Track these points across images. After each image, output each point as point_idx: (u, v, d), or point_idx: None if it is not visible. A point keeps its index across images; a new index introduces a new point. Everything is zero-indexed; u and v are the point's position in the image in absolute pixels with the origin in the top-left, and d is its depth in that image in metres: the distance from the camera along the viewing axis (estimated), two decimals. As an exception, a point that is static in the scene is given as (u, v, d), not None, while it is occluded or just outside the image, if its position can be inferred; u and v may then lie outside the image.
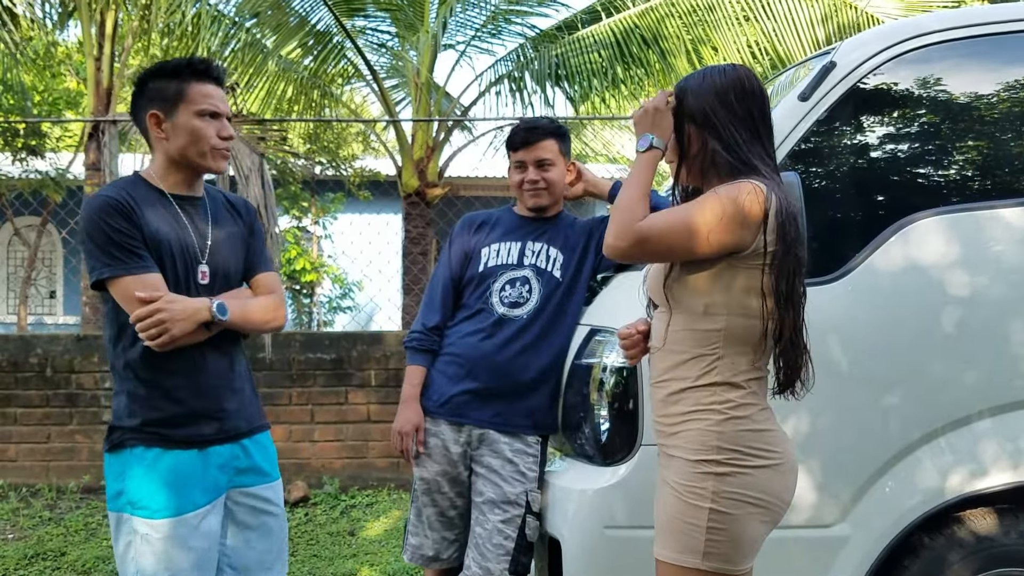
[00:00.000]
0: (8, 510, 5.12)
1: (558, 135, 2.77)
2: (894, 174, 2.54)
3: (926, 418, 2.41)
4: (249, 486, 2.25)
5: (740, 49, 6.49)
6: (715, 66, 2.00)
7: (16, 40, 8.06)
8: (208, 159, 2.19)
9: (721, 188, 1.84)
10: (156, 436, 2.11)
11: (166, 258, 2.12)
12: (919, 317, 2.42)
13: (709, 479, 1.85)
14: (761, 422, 1.90)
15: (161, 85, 2.17)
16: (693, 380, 1.91)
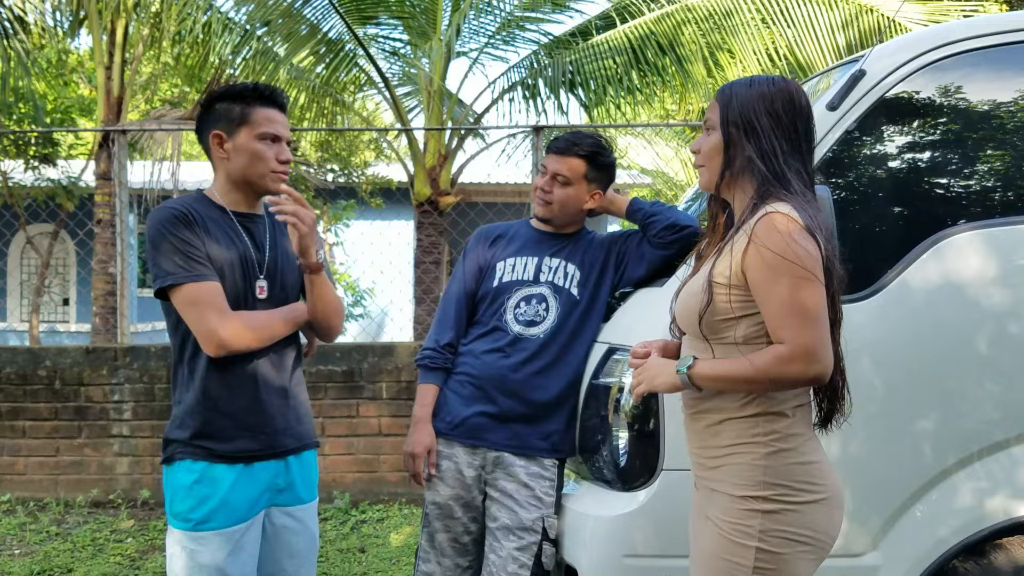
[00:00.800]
0: (15, 525, 5.05)
1: (592, 160, 2.64)
2: (927, 187, 2.44)
3: (961, 442, 2.31)
4: (285, 505, 2.32)
5: (759, 55, 6.38)
6: (764, 76, 1.93)
7: (27, 49, 8.05)
8: (267, 181, 2.26)
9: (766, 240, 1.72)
10: (203, 450, 2.19)
11: (227, 273, 2.20)
12: (954, 336, 2.32)
13: (756, 516, 1.77)
14: (808, 453, 1.81)
15: (226, 107, 2.26)
16: (735, 411, 1.82)
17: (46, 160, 10.28)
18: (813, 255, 1.71)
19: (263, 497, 2.26)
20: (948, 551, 2.27)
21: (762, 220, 1.74)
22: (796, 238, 1.70)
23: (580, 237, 2.74)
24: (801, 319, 1.70)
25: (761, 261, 1.72)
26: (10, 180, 10.19)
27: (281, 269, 2.33)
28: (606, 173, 2.71)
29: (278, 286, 2.31)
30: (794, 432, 1.80)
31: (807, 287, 1.70)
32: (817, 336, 1.70)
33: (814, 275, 1.70)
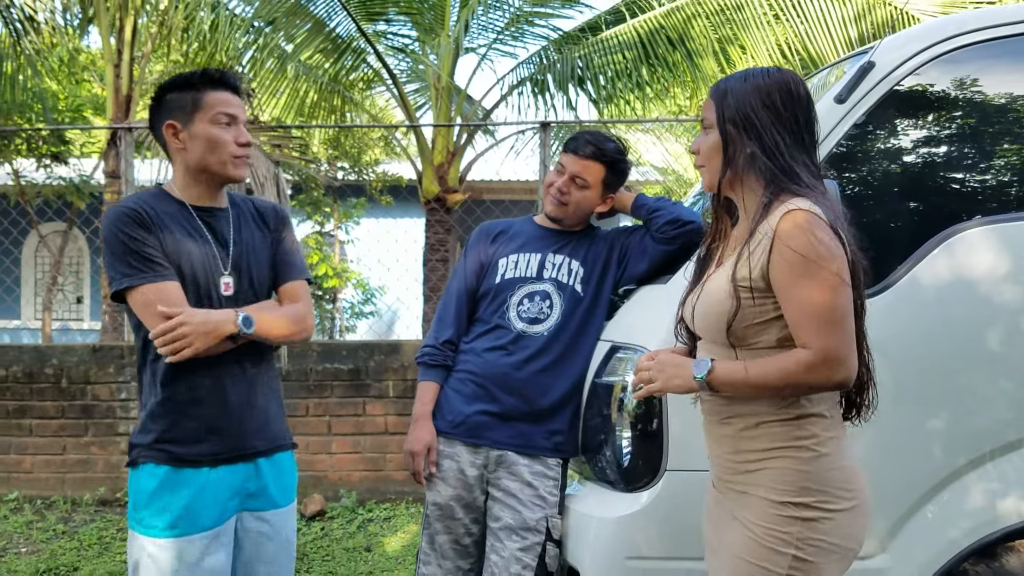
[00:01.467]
0: (22, 523, 5.05)
1: (611, 166, 2.61)
2: (938, 181, 2.38)
3: (973, 442, 2.25)
4: (257, 510, 2.22)
5: (770, 49, 6.30)
6: (757, 68, 1.86)
7: (38, 48, 8.07)
8: (228, 167, 2.18)
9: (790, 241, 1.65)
10: (166, 454, 2.10)
11: (186, 271, 2.11)
12: (965, 333, 2.26)
13: (795, 524, 1.71)
14: (844, 456, 1.77)
15: (177, 96, 2.18)
16: (774, 413, 1.75)
17: (57, 158, 10.31)
18: (837, 254, 1.65)
19: (232, 502, 2.16)
20: (959, 554, 2.22)
21: (784, 218, 1.67)
22: (821, 237, 1.64)
23: (583, 233, 2.70)
24: (826, 323, 1.64)
25: (784, 262, 1.66)
26: (22, 178, 10.22)
27: (248, 264, 2.23)
28: (622, 179, 2.69)
29: (246, 282, 2.21)
30: (832, 435, 1.76)
31: (832, 289, 1.64)
32: (842, 340, 1.65)
33: (839, 276, 1.65)
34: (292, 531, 2.32)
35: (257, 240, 2.28)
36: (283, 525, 2.27)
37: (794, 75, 1.81)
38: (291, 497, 2.31)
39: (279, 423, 2.29)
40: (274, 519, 2.24)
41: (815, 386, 1.69)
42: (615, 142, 2.64)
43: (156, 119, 2.21)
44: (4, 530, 4.94)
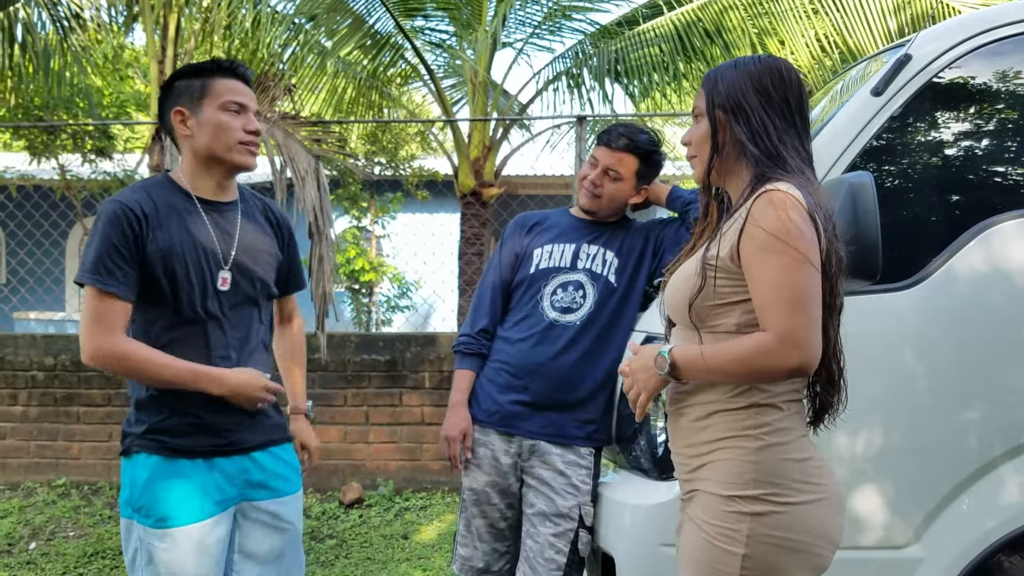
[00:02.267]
0: (70, 508, 5.20)
1: (645, 157, 2.63)
2: (974, 174, 2.38)
3: (1008, 433, 2.26)
4: (260, 500, 2.22)
5: (808, 41, 6.27)
6: (749, 56, 1.83)
7: (83, 44, 8.25)
8: (234, 153, 2.16)
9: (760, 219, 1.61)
10: (158, 444, 2.08)
11: (178, 263, 2.09)
12: (1001, 325, 2.27)
13: (744, 520, 1.62)
14: (802, 450, 1.68)
15: (186, 83, 2.17)
16: (724, 402, 1.69)
17: (102, 153, 10.50)
18: (808, 236, 1.59)
19: (231, 492, 2.15)
20: (993, 545, 2.23)
21: (760, 197, 1.63)
22: (792, 216, 1.58)
23: (619, 225, 2.73)
24: (787, 302, 1.58)
25: (753, 239, 1.62)
26: (68, 173, 10.43)
27: (249, 262, 2.22)
28: (656, 170, 2.71)
29: (245, 279, 2.20)
30: (786, 426, 1.67)
31: (798, 270, 1.58)
32: (802, 323, 1.57)
33: (807, 258, 1.58)
34: (298, 518, 2.31)
35: (261, 239, 2.28)
36: (287, 513, 2.27)
37: (785, 61, 1.79)
38: (297, 485, 2.31)
39: (275, 418, 2.27)
40: (276, 508, 2.24)
41: (771, 370, 1.60)
42: (648, 134, 2.67)
43: (164, 106, 2.20)
44: (53, 515, 5.09)
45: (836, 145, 2.33)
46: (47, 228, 8.16)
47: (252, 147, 2.19)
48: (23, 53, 8.00)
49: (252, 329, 2.23)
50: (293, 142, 4.94)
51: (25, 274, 8.98)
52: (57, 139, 10.01)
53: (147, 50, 8.41)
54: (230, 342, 2.16)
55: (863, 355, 2.02)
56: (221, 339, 2.15)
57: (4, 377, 5.65)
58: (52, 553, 4.45)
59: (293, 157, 4.87)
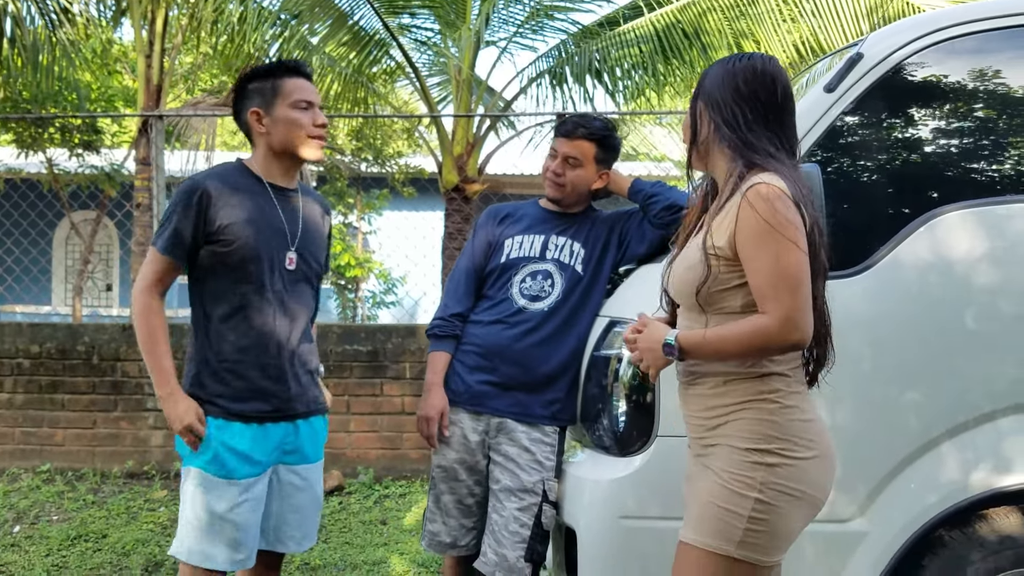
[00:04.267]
0: (54, 493, 5.28)
1: (601, 142, 2.76)
2: (921, 166, 2.50)
3: (949, 413, 2.37)
4: (292, 464, 2.48)
5: (783, 43, 6.40)
6: (739, 54, 2.02)
7: (72, 39, 8.31)
8: (306, 147, 2.41)
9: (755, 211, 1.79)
10: (220, 408, 2.35)
11: (252, 240, 2.34)
12: (944, 311, 2.38)
13: (760, 469, 1.84)
14: (808, 411, 1.91)
15: (258, 85, 2.42)
16: (740, 371, 1.90)
17: (89, 147, 10.57)
18: (794, 223, 1.78)
19: (273, 455, 2.41)
20: (934, 519, 2.33)
21: (750, 191, 1.81)
22: (779, 208, 1.78)
23: (586, 216, 2.84)
24: (783, 288, 1.78)
25: (747, 231, 1.81)
26: (55, 167, 10.49)
27: (310, 245, 2.49)
28: (613, 154, 2.82)
29: (306, 261, 2.47)
30: (796, 390, 1.89)
31: (789, 255, 1.78)
32: (797, 304, 1.78)
33: (796, 244, 1.78)
34: (319, 484, 2.57)
35: (319, 223, 2.55)
36: (313, 478, 2.54)
37: (766, 59, 1.95)
38: (320, 454, 2.57)
39: (314, 390, 2.53)
40: (305, 473, 2.50)
41: (771, 347, 1.82)
42: (601, 120, 2.79)
43: (240, 107, 2.44)
44: (37, 499, 5.16)
45: (790, 138, 2.44)
46: (34, 218, 8.20)
47: (321, 140, 2.45)
48: (12, 47, 8.04)
49: (304, 305, 2.48)
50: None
51: (11, 264, 9.02)
52: (45, 133, 10.06)
53: (135, 45, 8.47)
54: (288, 315, 2.41)
55: None
56: (280, 312, 2.40)
57: (-10, 364, 5.73)
58: (36, 536, 4.52)
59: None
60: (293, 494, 2.49)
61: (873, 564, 2.36)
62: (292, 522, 2.50)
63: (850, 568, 2.38)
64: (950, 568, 2.36)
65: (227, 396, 2.35)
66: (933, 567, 2.37)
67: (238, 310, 2.36)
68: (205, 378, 2.36)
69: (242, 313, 2.36)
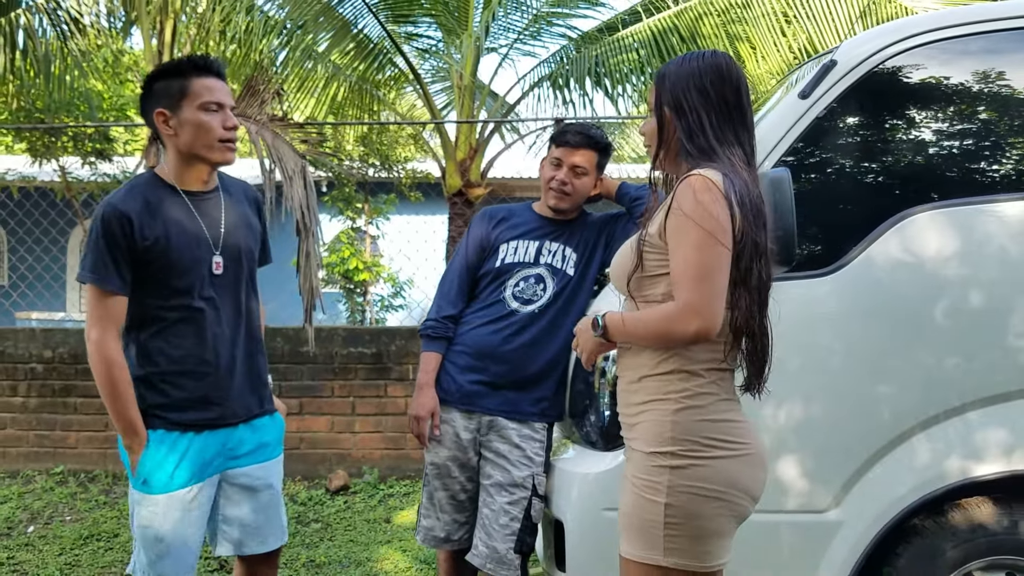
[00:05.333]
0: (67, 494, 5.41)
1: (601, 150, 2.85)
2: (891, 169, 2.59)
3: (920, 407, 2.46)
4: (242, 466, 2.42)
5: (778, 46, 6.48)
6: (696, 52, 1.99)
7: (83, 49, 8.46)
8: (215, 152, 2.30)
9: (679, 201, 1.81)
10: (158, 419, 2.28)
11: (173, 253, 2.26)
12: (914, 308, 2.47)
13: (664, 472, 1.81)
14: (721, 412, 1.86)
15: (165, 84, 2.29)
16: (651, 368, 1.89)
17: (102, 155, 10.72)
18: (716, 217, 1.76)
19: (215, 462, 2.35)
20: (907, 508, 2.43)
21: (682, 182, 1.82)
22: (703, 199, 1.76)
23: (579, 220, 2.93)
24: (692, 277, 1.77)
25: (672, 220, 1.81)
26: (68, 175, 10.64)
27: (237, 244, 2.39)
28: (608, 160, 2.92)
29: (235, 260, 2.39)
30: (706, 391, 1.85)
31: (705, 247, 1.76)
32: (703, 295, 1.76)
33: (714, 236, 1.76)
34: (278, 480, 2.51)
35: (245, 219, 2.44)
36: (268, 476, 2.47)
37: (727, 58, 1.95)
38: (278, 451, 2.51)
39: (260, 391, 2.47)
40: (258, 472, 2.44)
41: (675, 334, 1.79)
42: (598, 127, 2.89)
43: (146, 106, 2.32)
44: (51, 500, 5.30)
45: (767, 143, 2.53)
46: (47, 227, 8.36)
47: (231, 144, 2.33)
48: (24, 58, 8.21)
49: (239, 306, 2.41)
50: (281, 143, 5.15)
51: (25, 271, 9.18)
52: (58, 141, 10.22)
53: (145, 54, 8.62)
54: (222, 320, 2.35)
55: (787, 335, 2.16)
56: (213, 319, 2.33)
57: (5, 370, 5.87)
58: (49, 536, 4.65)
59: (281, 158, 5.07)
60: (248, 495, 2.43)
61: (848, 552, 2.45)
62: (254, 522, 2.45)
63: (827, 557, 2.47)
64: (923, 556, 2.45)
65: (166, 407, 2.29)
66: (906, 555, 2.47)
67: (171, 323, 2.29)
68: (143, 390, 2.27)
69: (175, 325, 2.30)
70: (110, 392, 2.22)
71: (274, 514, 2.50)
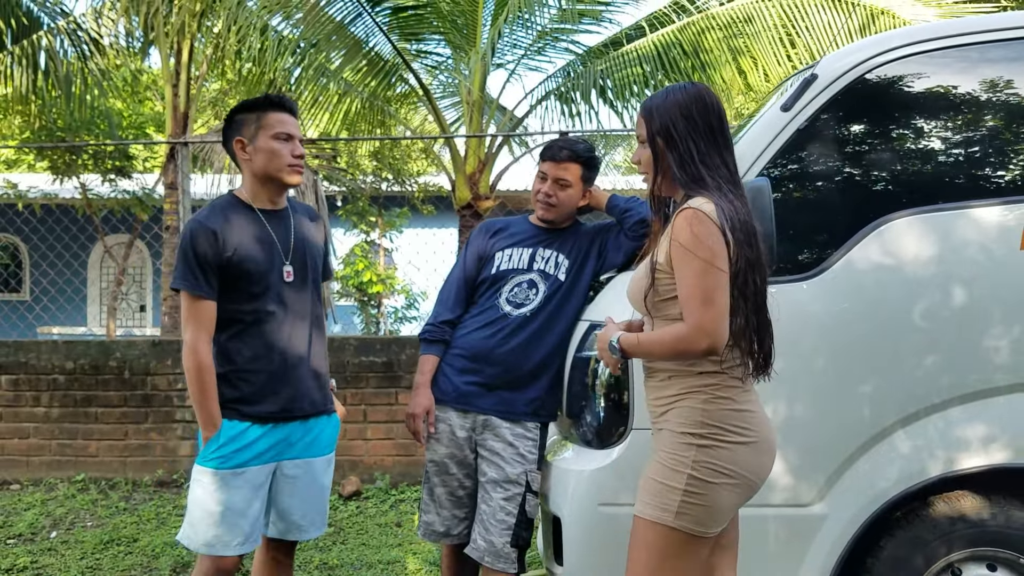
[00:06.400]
0: (88, 501, 5.57)
1: (586, 163, 2.99)
2: (871, 177, 2.70)
3: (900, 403, 2.56)
4: (297, 458, 2.71)
5: (779, 59, 6.60)
6: (676, 84, 2.21)
7: (103, 69, 8.70)
8: (284, 174, 2.66)
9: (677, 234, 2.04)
10: (230, 410, 2.59)
11: (251, 263, 2.59)
12: (893, 310, 2.57)
13: (691, 449, 2.07)
14: (742, 403, 2.11)
15: (244, 117, 2.68)
16: (680, 368, 2.13)
17: (121, 172, 10.95)
18: (709, 244, 1.99)
19: (273, 451, 2.64)
20: (888, 502, 2.52)
21: (679, 215, 2.06)
22: (696, 230, 2.00)
23: (571, 229, 3.05)
24: (698, 302, 2.01)
25: (673, 250, 2.05)
26: (89, 192, 10.87)
27: (304, 256, 2.72)
28: (595, 172, 3.05)
29: (303, 269, 2.71)
30: (730, 385, 2.10)
31: (705, 274, 2.00)
32: (708, 316, 2.00)
33: (710, 263, 1.99)
34: (326, 477, 2.79)
35: (311, 235, 2.78)
36: (318, 471, 2.75)
37: (706, 88, 2.18)
38: (328, 449, 2.80)
39: (322, 392, 2.76)
40: (309, 466, 2.73)
41: (687, 352, 2.05)
42: (584, 142, 3.02)
43: (228, 135, 2.69)
44: (72, 507, 5.45)
45: (750, 154, 2.64)
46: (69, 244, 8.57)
47: (298, 168, 2.69)
48: (46, 78, 8.45)
49: (307, 311, 2.72)
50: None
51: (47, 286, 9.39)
52: (79, 159, 10.46)
53: (163, 73, 8.84)
54: (291, 323, 2.66)
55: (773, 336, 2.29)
56: (284, 322, 2.64)
57: (28, 380, 6.05)
58: (71, 541, 4.79)
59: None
60: (298, 486, 2.71)
61: (832, 545, 2.55)
62: (299, 511, 2.72)
63: (812, 549, 2.57)
64: (905, 549, 2.54)
65: (239, 400, 2.59)
66: (889, 547, 2.56)
67: (247, 325, 2.60)
68: (221, 386, 2.58)
69: (250, 328, 2.60)
70: (198, 389, 2.54)
71: (318, 506, 2.78)
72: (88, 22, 8.60)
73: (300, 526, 2.75)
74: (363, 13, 7.25)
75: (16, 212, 10.02)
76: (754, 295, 2.09)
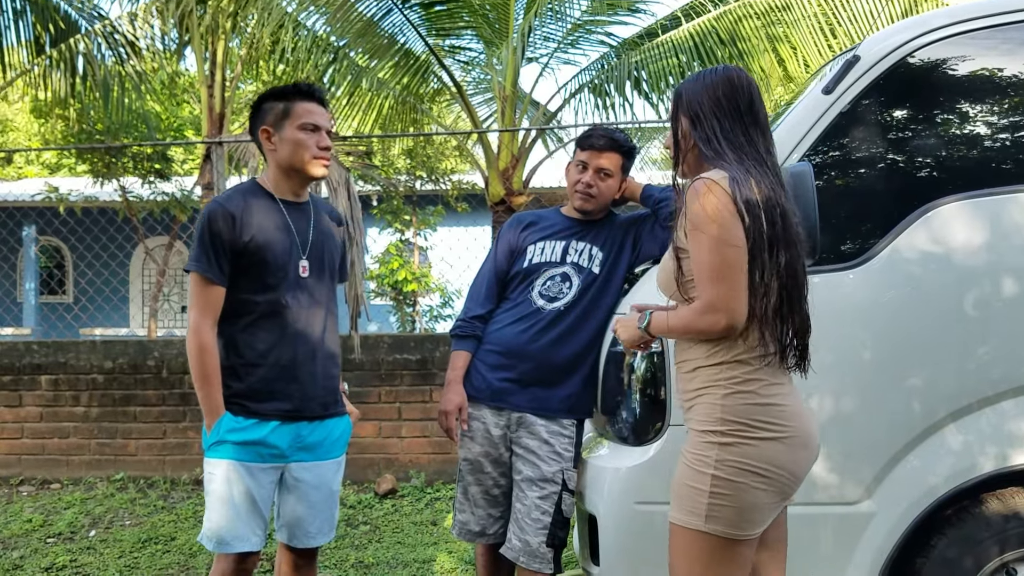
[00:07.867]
0: (127, 499, 5.60)
1: (626, 153, 2.92)
2: (917, 161, 2.60)
3: (951, 398, 2.46)
4: (305, 460, 2.60)
5: (819, 47, 6.46)
6: (709, 68, 2.16)
7: (139, 72, 8.78)
8: (309, 165, 2.56)
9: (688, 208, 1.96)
10: (236, 405, 2.50)
11: (268, 252, 2.50)
12: (943, 299, 2.48)
13: (713, 448, 1.97)
14: (768, 397, 1.98)
15: (272, 105, 2.59)
16: (703, 360, 2.04)
17: (160, 175, 11.05)
18: (719, 219, 1.90)
19: (279, 450, 2.53)
20: (939, 499, 2.43)
21: (690, 188, 1.97)
22: (704, 203, 1.91)
23: (604, 221, 2.98)
24: (707, 278, 1.94)
25: (687, 225, 1.97)
26: (129, 194, 10.99)
27: (321, 251, 2.63)
28: (632, 163, 2.97)
29: (319, 265, 2.62)
30: (754, 378, 1.99)
31: (715, 249, 1.91)
32: (721, 293, 1.92)
33: (719, 238, 1.90)
34: (335, 481, 2.68)
35: (330, 233, 2.68)
36: (327, 475, 2.65)
37: (738, 70, 2.11)
38: (338, 452, 2.69)
39: (332, 394, 2.66)
40: (318, 470, 2.62)
41: (705, 330, 1.97)
42: (625, 132, 2.95)
43: (254, 124, 2.61)
44: (111, 505, 5.49)
45: (791, 139, 2.56)
46: (107, 244, 8.66)
47: (324, 160, 2.59)
48: (84, 82, 8.54)
49: (320, 309, 2.62)
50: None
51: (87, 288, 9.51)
52: (118, 162, 10.58)
53: (198, 75, 8.90)
54: (303, 320, 2.56)
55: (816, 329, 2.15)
56: (298, 317, 2.55)
57: (67, 380, 6.11)
58: (110, 539, 4.83)
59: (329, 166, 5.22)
60: (307, 491, 2.60)
61: (881, 544, 2.46)
62: (306, 516, 2.61)
63: (860, 547, 2.48)
64: (957, 547, 2.44)
65: (245, 395, 2.50)
66: (940, 546, 2.46)
67: (258, 317, 2.51)
68: (226, 379, 2.48)
69: (261, 320, 2.51)
70: (200, 374, 2.46)
71: (326, 512, 2.66)
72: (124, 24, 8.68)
73: (308, 532, 2.64)
74: (393, 9, 7.23)
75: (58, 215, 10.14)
76: (779, 276, 1.96)
